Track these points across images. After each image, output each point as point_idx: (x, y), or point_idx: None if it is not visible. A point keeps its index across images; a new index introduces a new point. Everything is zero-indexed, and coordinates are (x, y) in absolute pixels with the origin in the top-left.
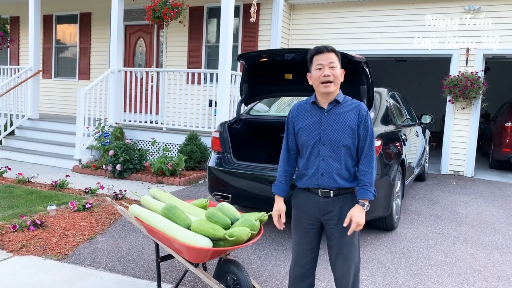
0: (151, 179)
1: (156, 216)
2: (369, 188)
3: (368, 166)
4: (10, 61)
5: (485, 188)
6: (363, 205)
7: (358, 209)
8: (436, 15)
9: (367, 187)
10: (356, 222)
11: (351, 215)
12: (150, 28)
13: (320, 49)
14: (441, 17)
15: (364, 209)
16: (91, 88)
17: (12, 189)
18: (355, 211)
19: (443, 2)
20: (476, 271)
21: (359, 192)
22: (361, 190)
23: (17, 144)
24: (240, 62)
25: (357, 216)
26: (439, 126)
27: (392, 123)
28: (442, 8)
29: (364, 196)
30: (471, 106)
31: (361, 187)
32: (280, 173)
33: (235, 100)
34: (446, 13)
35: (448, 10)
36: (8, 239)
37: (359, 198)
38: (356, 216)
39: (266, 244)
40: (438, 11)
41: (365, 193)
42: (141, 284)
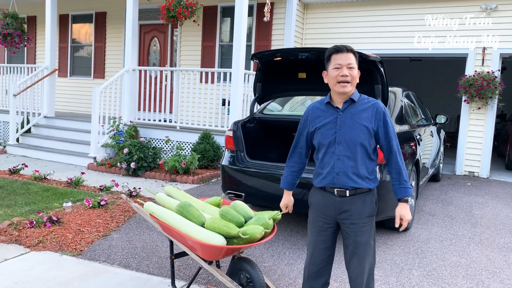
0: (165, 177)
1: (171, 213)
2: (406, 185)
3: (399, 163)
4: (27, 60)
5: (500, 189)
6: (406, 202)
7: (404, 206)
8: (452, 14)
9: (404, 185)
10: (407, 220)
11: (401, 214)
12: (164, 28)
13: (340, 48)
14: (457, 16)
15: (408, 204)
16: (106, 87)
17: (29, 186)
18: (403, 209)
19: (459, 1)
20: (491, 273)
21: (399, 191)
22: (400, 189)
23: (33, 142)
24: (254, 61)
25: (407, 214)
26: (454, 126)
27: (407, 123)
28: (458, 7)
29: (405, 194)
30: (487, 106)
31: (400, 186)
32: (286, 168)
33: (248, 99)
34: (462, 12)
35: (464, 9)
36: (25, 235)
37: (401, 197)
38: (405, 215)
39: (279, 242)
40: (455, 10)
41: (405, 191)
42: (155, 280)
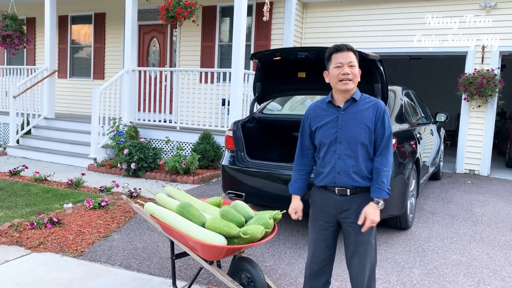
0: (165, 177)
1: (171, 213)
2: (382, 186)
3: (382, 164)
4: (26, 62)
5: (501, 187)
6: (377, 203)
7: (372, 206)
8: (452, 12)
9: (380, 186)
10: (371, 219)
11: (365, 212)
12: (164, 28)
13: (340, 48)
14: (457, 14)
15: (378, 207)
16: (106, 87)
17: (29, 187)
18: (369, 208)
19: (459, 0)
20: (492, 271)
21: (373, 191)
22: (375, 189)
23: (33, 143)
24: (254, 61)
25: (371, 214)
26: (454, 125)
27: (407, 122)
28: (458, 5)
29: (378, 195)
30: (487, 104)
31: (375, 186)
32: (294, 172)
33: (248, 99)
34: (462, 10)
35: (463, 7)
36: (26, 236)
37: (374, 196)
38: (370, 214)
39: (279, 242)
40: (454, 8)
41: (379, 192)
42: (156, 281)
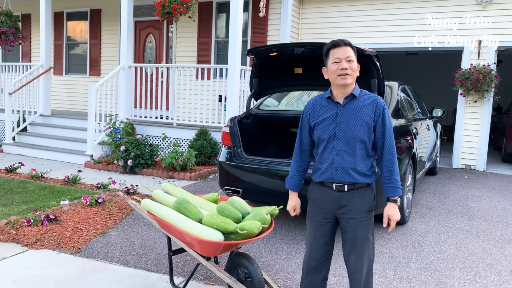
0: (162, 174)
1: (168, 210)
2: (396, 184)
3: (391, 163)
4: (22, 58)
5: (497, 182)
6: (395, 202)
7: (392, 206)
8: (448, 7)
9: (395, 184)
10: (395, 220)
11: (388, 214)
12: (160, 24)
13: (337, 43)
14: (453, 9)
15: (397, 205)
16: (102, 84)
17: (26, 184)
18: (391, 209)
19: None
20: (488, 265)
21: (389, 190)
22: (390, 188)
23: (29, 140)
24: (250, 56)
25: (394, 214)
26: (450, 120)
27: (403, 117)
28: (454, 0)
29: (394, 194)
30: (483, 99)
31: (389, 185)
32: (292, 168)
33: (245, 95)
34: (458, 5)
35: (460, 2)
36: (23, 233)
37: (390, 196)
38: (394, 214)
39: (276, 238)
40: (450, 3)
41: (395, 190)
42: (154, 277)
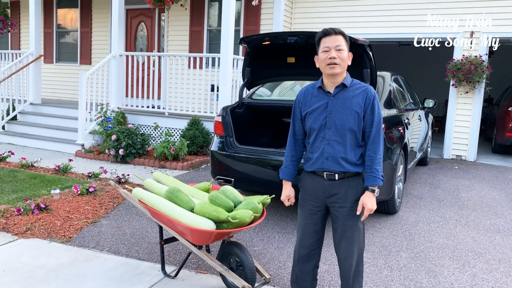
0: (154, 163)
1: (160, 199)
2: (377, 174)
3: (375, 152)
4: (11, 46)
5: (487, 172)
6: (373, 192)
7: (369, 195)
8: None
9: (375, 174)
10: (369, 209)
11: (363, 202)
12: (151, 12)
13: (328, 32)
14: (445, 0)
15: (374, 195)
16: (93, 72)
17: (16, 173)
18: (366, 198)
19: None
20: (477, 254)
21: (368, 179)
22: (369, 177)
23: (19, 129)
24: (243, 45)
25: (369, 203)
26: (442, 111)
27: (395, 107)
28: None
29: (373, 183)
30: (475, 91)
31: (370, 174)
32: (286, 158)
33: (237, 85)
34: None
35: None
36: (13, 222)
37: (368, 185)
38: (368, 203)
39: (268, 227)
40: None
41: (374, 180)
42: (145, 266)
